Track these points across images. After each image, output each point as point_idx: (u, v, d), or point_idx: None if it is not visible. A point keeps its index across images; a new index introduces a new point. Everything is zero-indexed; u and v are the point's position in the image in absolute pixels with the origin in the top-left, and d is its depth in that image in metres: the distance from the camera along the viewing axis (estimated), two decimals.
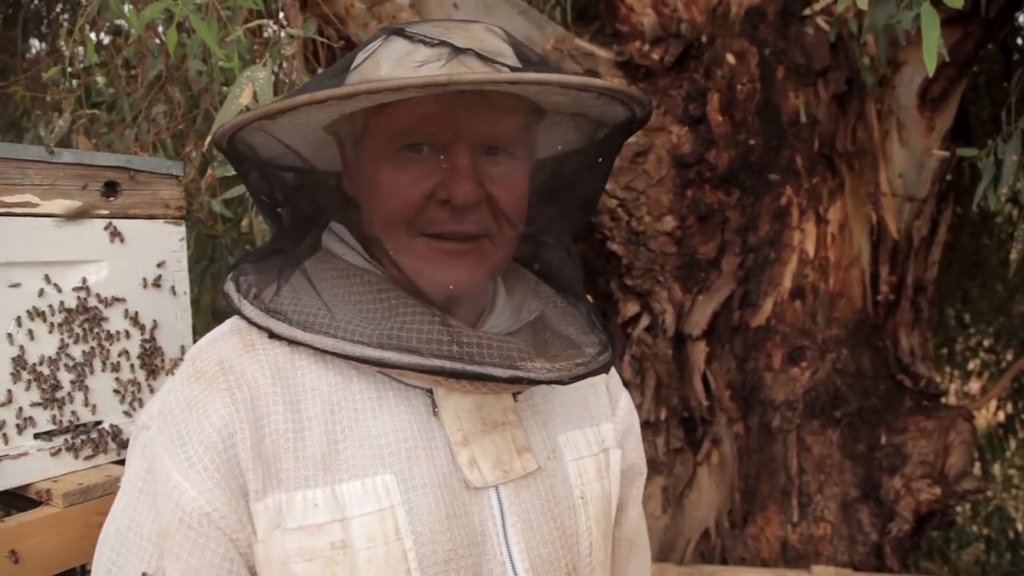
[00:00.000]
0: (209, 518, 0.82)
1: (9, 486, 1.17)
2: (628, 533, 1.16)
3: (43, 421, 1.22)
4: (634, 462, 1.15)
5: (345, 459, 0.85)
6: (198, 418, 0.85)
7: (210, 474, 0.83)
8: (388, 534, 0.84)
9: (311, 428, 0.86)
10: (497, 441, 0.92)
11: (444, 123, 0.85)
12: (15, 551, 1.07)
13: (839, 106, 2.67)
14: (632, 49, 2.77)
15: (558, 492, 0.96)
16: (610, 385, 1.13)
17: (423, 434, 0.89)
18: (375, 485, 0.85)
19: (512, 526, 0.91)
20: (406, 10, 2.61)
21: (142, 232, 1.36)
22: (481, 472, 0.89)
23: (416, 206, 0.87)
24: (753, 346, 2.74)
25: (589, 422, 1.05)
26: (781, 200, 2.70)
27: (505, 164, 0.90)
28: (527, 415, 0.97)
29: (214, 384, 0.86)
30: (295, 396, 0.87)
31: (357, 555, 0.83)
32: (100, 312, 1.30)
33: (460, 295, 0.91)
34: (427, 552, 0.84)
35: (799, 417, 2.69)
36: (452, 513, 0.87)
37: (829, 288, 2.73)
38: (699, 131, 2.70)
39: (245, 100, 1.42)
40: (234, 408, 0.84)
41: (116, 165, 1.32)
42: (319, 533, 0.82)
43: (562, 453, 0.99)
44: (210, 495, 0.82)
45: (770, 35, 2.69)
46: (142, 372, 1.36)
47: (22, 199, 1.20)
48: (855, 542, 2.68)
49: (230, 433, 0.83)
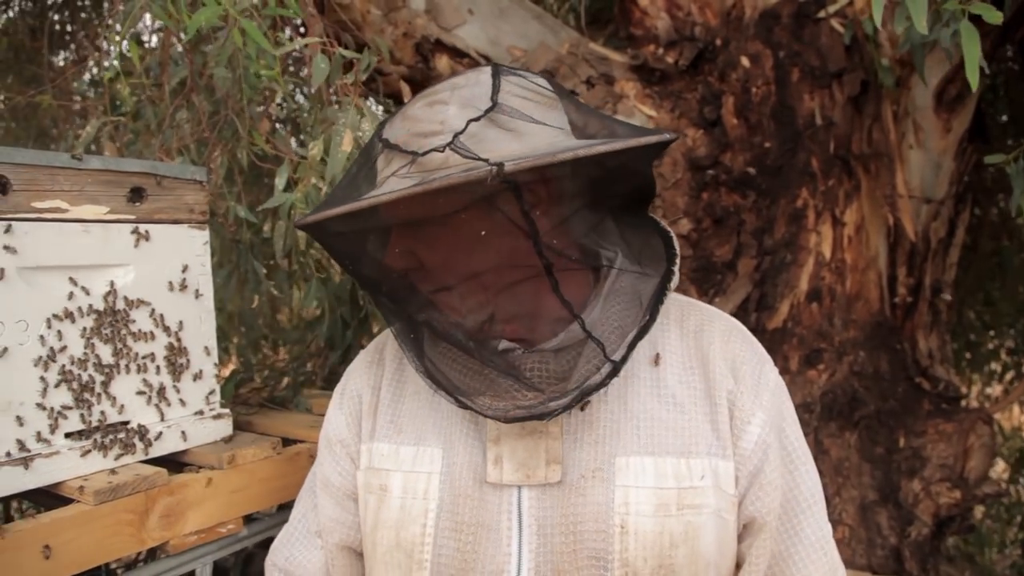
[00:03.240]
0: (343, 443, 1.17)
1: (42, 484, 1.19)
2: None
3: (73, 421, 1.25)
4: (755, 515, 1.00)
5: (415, 429, 1.09)
6: (350, 378, 1.21)
7: (347, 416, 1.17)
8: (418, 492, 1.05)
9: (404, 402, 1.13)
10: (529, 446, 1.00)
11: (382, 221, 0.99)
12: (48, 546, 1.10)
13: (855, 108, 2.67)
14: (646, 52, 2.78)
15: (586, 512, 0.96)
16: (737, 414, 1.00)
17: (472, 427, 1.06)
18: (425, 454, 1.06)
19: (528, 527, 0.99)
20: (421, 16, 2.64)
21: (167, 236, 1.39)
22: (502, 470, 1.00)
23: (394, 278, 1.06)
24: (770, 348, 2.72)
25: (678, 452, 0.98)
26: (797, 202, 2.70)
27: (435, 227, 0.96)
28: (582, 429, 0.99)
29: (364, 357, 1.22)
30: (404, 377, 1.15)
31: (393, 500, 1.06)
32: (127, 314, 1.33)
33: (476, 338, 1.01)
34: (444, 516, 1.02)
35: (816, 419, 2.69)
36: (471, 495, 1.02)
37: (846, 290, 2.73)
38: (714, 134, 2.71)
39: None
40: (367, 376, 1.18)
41: (142, 171, 1.35)
42: (377, 475, 1.09)
43: (613, 475, 0.96)
44: (345, 429, 1.17)
45: (785, 37, 2.69)
46: (167, 373, 1.38)
47: (52, 204, 1.23)
48: (873, 545, 2.67)
49: (360, 393, 1.17)
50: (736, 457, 0.99)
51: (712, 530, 0.96)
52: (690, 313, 1.09)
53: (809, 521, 1.03)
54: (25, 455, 1.18)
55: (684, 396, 1.01)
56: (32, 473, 1.19)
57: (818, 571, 1.02)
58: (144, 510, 1.24)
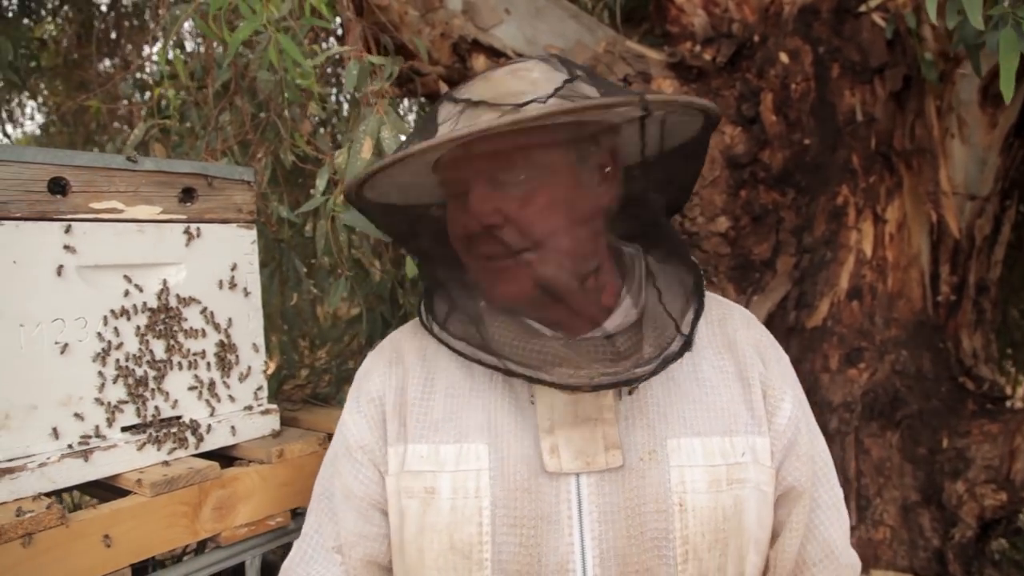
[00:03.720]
0: (364, 449, 1.12)
1: (100, 476, 1.23)
2: (787, 559, 1.11)
3: (129, 415, 1.29)
4: (794, 484, 1.09)
5: (453, 427, 1.06)
6: (367, 379, 1.16)
7: (369, 419, 1.12)
8: (469, 491, 1.02)
9: (434, 400, 1.09)
10: (585, 434, 1.01)
11: (465, 170, 1.03)
12: (108, 536, 1.13)
13: (897, 103, 2.63)
14: (683, 50, 2.77)
15: (646, 493, 1.00)
16: (769, 393, 1.09)
17: (520, 418, 1.04)
18: (469, 451, 1.04)
19: (589, 514, 0.99)
20: (458, 16, 2.66)
21: (217, 235, 1.42)
22: (560, 460, 1.00)
23: (465, 239, 1.06)
24: (809, 347, 2.71)
25: (721, 431, 1.05)
26: (837, 200, 2.67)
27: (526, 187, 1.01)
28: (633, 414, 1.04)
29: (381, 357, 1.18)
30: (431, 373, 1.12)
31: (442, 502, 1.03)
32: (179, 312, 1.36)
33: (515, 305, 1.05)
34: (499, 513, 1.00)
35: (857, 419, 2.65)
36: (527, 488, 1.00)
37: (888, 288, 2.69)
38: (752, 131, 2.69)
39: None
40: (388, 376, 1.14)
41: (193, 172, 1.38)
42: (419, 478, 1.05)
43: (667, 457, 1.02)
44: (366, 434, 1.12)
45: (824, 33, 2.66)
46: (217, 370, 1.42)
47: (109, 205, 1.27)
48: (916, 547, 2.63)
49: (382, 394, 1.13)
50: (772, 433, 1.07)
51: (754, 503, 1.04)
52: (711, 305, 1.17)
53: (826, 487, 1.13)
54: (85, 448, 1.22)
55: (718, 380, 1.08)
56: (91, 465, 1.23)
57: (837, 530, 1.13)
58: (197, 502, 1.27)
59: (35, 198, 1.18)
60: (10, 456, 1.14)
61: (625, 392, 1.04)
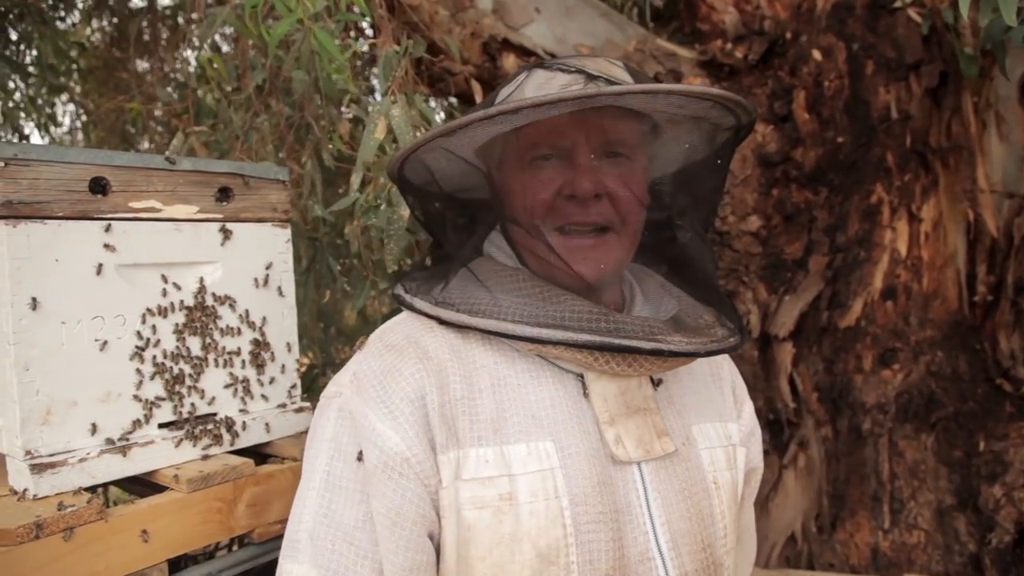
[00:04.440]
0: (408, 462, 0.95)
1: (138, 472, 1.25)
2: (739, 531, 1.23)
3: (166, 412, 1.31)
4: (756, 465, 1.25)
5: (511, 425, 0.98)
6: (395, 380, 0.99)
7: (410, 425, 0.96)
8: (548, 492, 0.95)
9: (482, 397, 0.99)
10: (639, 423, 1.03)
11: (567, 135, 1.01)
12: (146, 531, 1.15)
13: (933, 100, 2.59)
14: (714, 48, 2.75)
15: (693, 475, 1.06)
16: (736, 390, 1.24)
17: (575, 411, 1.01)
18: (537, 449, 0.97)
19: (653, 501, 1.01)
20: (488, 15, 2.66)
21: (252, 235, 1.43)
22: (626, 449, 1.00)
23: (548, 203, 1.02)
24: (842, 347, 2.68)
25: (718, 418, 1.16)
26: (871, 198, 2.64)
27: (623, 166, 1.04)
28: (664, 404, 1.09)
29: (405, 353, 1.01)
30: (467, 371, 1.01)
31: (521, 507, 0.94)
32: (215, 310, 1.38)
33: (593, 283, 1.04)
34: (580, 511, 0.95)
35: (891, 421, 2.62)
36: (601, 481, 0.98)
37: (923, 288, 2.65)
38: (785, 129, 2.66)
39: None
40: (425, 373, 0.99)
41: (230, 172, 1.39)
42: (489, 485, 0.95)
43: (695, 441, 1.10)
44: (410, 443, 0.95)
45: (858, 29, 2.62)
46: (252, 368, 1.43)
47: (147, 204, 1.29)
48: (951, 551, 2.59)
49: (422, 394, 0.97)
50: (740, 421, 1.20)
51: (741, 480, 1.17)
52: None
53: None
54: (124, 444, 1.24)
55: (700, 374, 1.18)
56: (129, 461, 1.24)
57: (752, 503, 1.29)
58: (232, 499, 1.28)
59: (76, 197, 1.20)
60: (52, 451, 1.16)
61: (656, 383, 1.10)
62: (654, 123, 1.10)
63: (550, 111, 0.94)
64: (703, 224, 1.17)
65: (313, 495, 0.98)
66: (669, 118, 1.08)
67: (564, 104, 0.92)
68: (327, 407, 1.04)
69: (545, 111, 0.93)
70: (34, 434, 1.14)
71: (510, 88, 1.08)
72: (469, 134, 1.01)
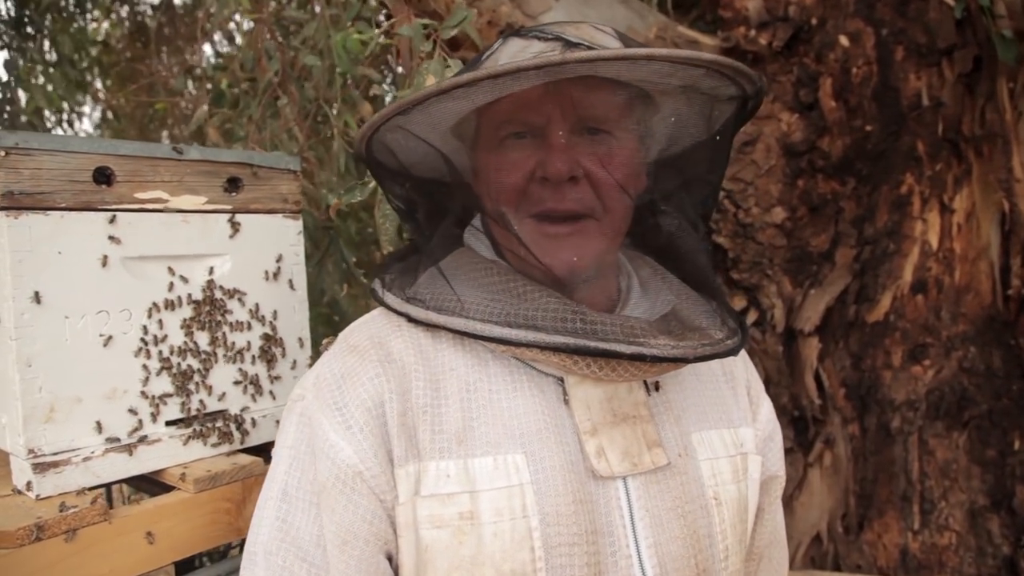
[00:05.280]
0: (362, 476, 0.87)
1: (145, 471, 1.21)
2: (761, 544, 1.12)
3: (173, 409, 1.27)
4: (775, 472, 1.11)
5: (479, 435, 0.89)
6: (352, 386, 0.91)
7: (364, 436, 0.88)
8: (515, 510, 0.86)
9: (448, 404, 0.90)
10: (627, 433, 0.92)
11: (541, 110, 0.90)
12: (151, 533, 1.11)
13: (966, 87, 2.50)
14: (737, 35, 2.67)
15: (689, 491, 0.94)
16: (751, 390, 1.11)
17: (553, 420, 0.91)
18: (506, 463, 0.87)
19: (640, 520, 0.90)
20: (506, 3, 2.60)
21: (262, 226, 1.39)
22: (608, 462, 0.90)
23: (518, 187, 0.92)
24: (870, 343, 2.60)
25: (726, 424, 1.03)
26: (901, 189, 2.55)
27: (605, 144, 0.92)
28: (660, 411, 0.97)
29: (366, 356, 0.93)
30: (435, 375, 0.92)
31: (484, 528, 0.85)
32: (224, 304, 1.34)
33: (564, 278, 0.92)
34: (552, 533, 0.85)
35: (921, 418, 2.54)
36: (578, 499, 0.88)
37: (955, 282, 2.56)
38: (810, 118, 2.59)
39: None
40: (385, 379, 0.90)
41: (238, 161, 1.35)
42: (449, 502, 0.86)
43: (695, 451, 0.98)
44: (363, 455, 0.87)
45: (888, 14, 2.54)
46: (262, 363, 1.39)
47: (154, 195, 1.25)
48: (984, 554, 2.51)
49: (381, 401, 0.89)
50: (755, 425, 1.08)
51: (755, 491, 1.04)
52: None
53: None
54: (129, 442, 1.20)
55: (709, 377, 1.07)
56: (135, 460, 1.21)
57: (780, 514, 1.16)
58: (241, 499, 1.24)
59: (80, 188, 1.16)
60: (55, 450, 1.13)
61: (652, 387, 0.98)
62: (647, 95, 0.96)
63: (512, 84, 0.82)
64: (702, 210, 1.05)
65: (271, 506, 0.92)
66: (660, 89, 0.95)
67: (526, 74, 0.80)
68: (291, 411, 0.97)
69: (507, 83, 0.82)
70: (37, 432, 1.11)
71: (484, 57, 0.98)
72: (425, 111, 0.89)
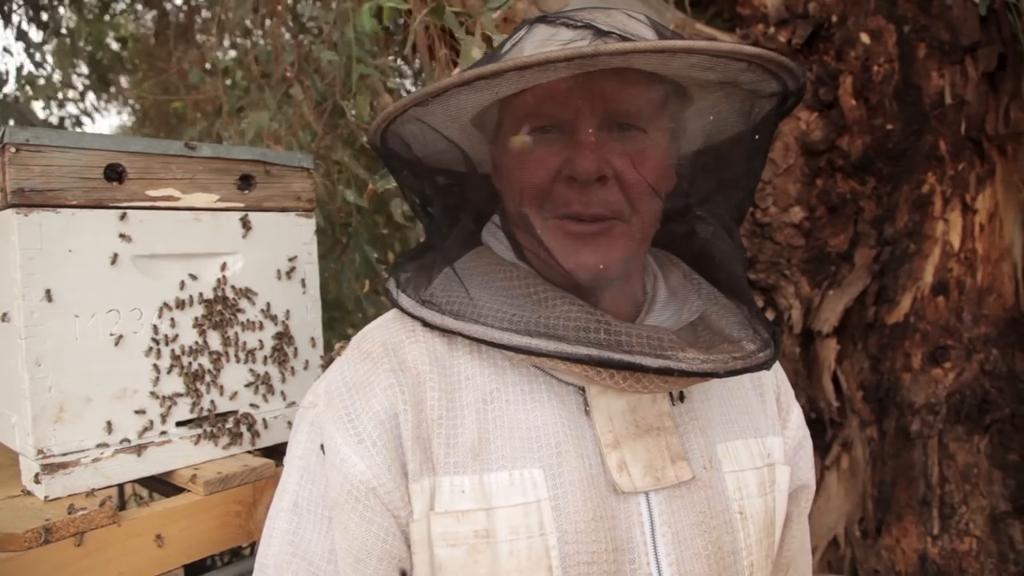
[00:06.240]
0: (375, 492, 0.84)
1: (154, 472, 1.20)
2: (789, 554, 1.09)
3: (184, 409, 1.25)
4: (806, 482, 1.08)
5: (495, 449, 0.85)
6: (365, 396, 0.87)
7: (378, 450, 0.84)
8: (532, 528, 0.82)
9: (464, 416, 0.86)
10: (650, 446, 0.88)
11: (569, 103, 0.85)
12: (160, 535, 1.09)
13: (990, 85, 2.45)
14: (756, 32, 2.63)
15: (714, 505, 0.90)
16: (781, 397, 1.07)
17: (573, 432, 0.86)
18: (523, 478, 0.84)
19: (662, 536, 0.87)
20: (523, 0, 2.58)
21: (275, 225, 1.37)
22: (631, 477, 0.86)
23: (543, 186, 0.87)
24: (890, 344, 2.56)
25: (753, 433, 0.99)
26: (922, 188, 2.51)
27: (637, 141, 0.87)
28: (685, 421, 0.93)
29: (379, 364, 0.89)
30: (451, 384, 0.88)
31: (499, 546, 0.82)
32: (236, 304, 1.32)
33: (595, 280, 0.88)
34: (570, 551, 0.82)
35: (942, 422, 2.49)
36: (599, 515, 0.84)
37: (977, 283, 2.52)
38: (830, 116, 2.54)
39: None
40: (399, 388, 0.86)
41: (251, 158, 1.34)
42: (464, 520, 0.82)
43: (720, 464, 0.93)
44: (377, 470, 0.84)
45: (910, 11, 2.49)
46: (274, 364, 1.37)
47: (165, 193, 1.23)
48: (1006, 560, 2.46)
49: (395, 413, 0.85)
50: (785, 433, 1.05)
51: (782, 504, 0.99)
52: None
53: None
54: (139, 443, 1.18)
55: (735, 384, 1.02)
56: (144, 461, 1.19)
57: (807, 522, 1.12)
58: (252, 501, 1.23)
59: (91, 185, 1.15)
60: (64, 450, 1.11)
61: (677, 397, 0.93)
62: (682, 90, 0.91)
63: (539, 76, 0.77)
64: (737, 214, 1.00)
65: (283, 518, 0.89)
66: (697, 83, 0.89)
67: (555, 67, 0.75)
68: (303, 418, 0.94)
69: (534, 75, 0.77)
70: (46, 432, 1.10)
71: (508, 45, 0.92)
72: (445, 102, 0.84)
